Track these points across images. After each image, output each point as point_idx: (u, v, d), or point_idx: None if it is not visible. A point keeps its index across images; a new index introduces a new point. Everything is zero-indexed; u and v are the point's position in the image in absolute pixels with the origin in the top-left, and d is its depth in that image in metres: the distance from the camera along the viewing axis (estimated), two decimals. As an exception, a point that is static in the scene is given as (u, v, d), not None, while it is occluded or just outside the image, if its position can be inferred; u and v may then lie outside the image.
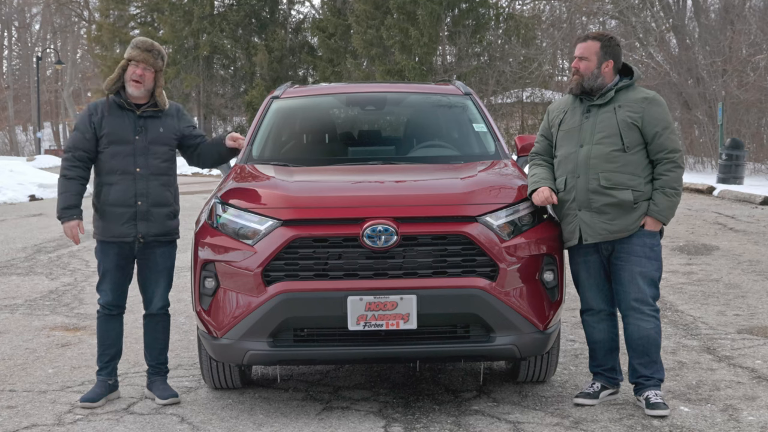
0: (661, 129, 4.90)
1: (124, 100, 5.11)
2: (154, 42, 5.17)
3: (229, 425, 4.78)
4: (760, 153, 25.56)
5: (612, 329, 5.09)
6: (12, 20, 66.76)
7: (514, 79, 32.77)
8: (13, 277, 9.72)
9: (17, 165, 25.10)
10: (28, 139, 64.59)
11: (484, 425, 4.70)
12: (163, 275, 5.21)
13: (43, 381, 5.66)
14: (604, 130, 4.93)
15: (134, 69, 5.06)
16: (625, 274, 4.91)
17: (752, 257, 10.25)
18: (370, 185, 5.28)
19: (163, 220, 5.13)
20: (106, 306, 5.20)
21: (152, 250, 5.15)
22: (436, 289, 4.60)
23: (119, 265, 5.14)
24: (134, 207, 5.06)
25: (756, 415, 4.83)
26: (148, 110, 5.12)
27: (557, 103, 5.30)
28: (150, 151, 5.08)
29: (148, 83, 5.11)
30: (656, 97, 5.02)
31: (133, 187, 5.06)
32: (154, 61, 5.09)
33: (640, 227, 4.90)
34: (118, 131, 5.08)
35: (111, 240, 5.10)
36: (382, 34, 32.93)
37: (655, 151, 4.91)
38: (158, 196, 5.11)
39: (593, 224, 4.91)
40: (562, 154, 5.07)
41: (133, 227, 5.07)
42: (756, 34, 25.44)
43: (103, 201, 5.11)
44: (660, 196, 4.88)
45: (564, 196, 5.01)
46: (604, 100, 4.98)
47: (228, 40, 42.36)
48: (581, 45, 5.05)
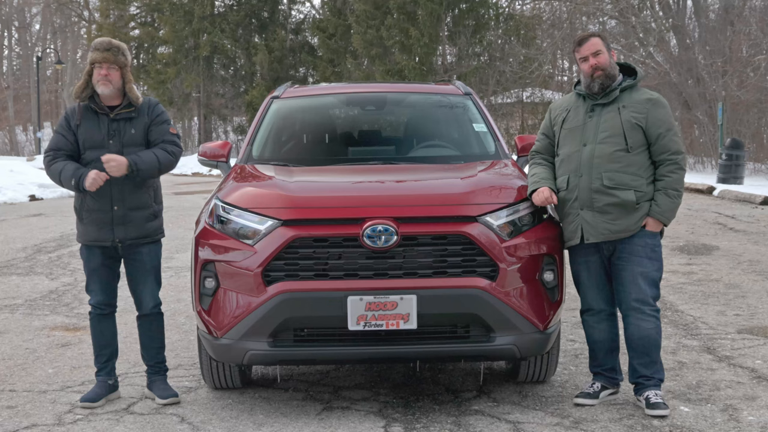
0: (664, 131, 4.91)
1: (96, 105, 5.09)
2: (112, 40, 5.13)
3: (229, 425, 4.78)
4: (760, 153, 25.56)
5: (612, 329, 5.10)
6: (12, 20, 66.74)
7: (514, 79, 32.78)
8: (13, 277, 9.71)
9: (17, 165, 25.09)
10: (28, 139, 64.52)
11: (484, 425, 4.70)
12: (151, 274, 5.20)
13: (43, 381, 5.66)
14: (608, 130, 4.93)
15: (98, 71, 5.04)
16: (626, 274, 4.92)
17: (752, 257, 10.25)
18: (370, 185, 5.28)
19: (141, 223, 5.11)
20: (97, 306, 5.21)
21: (137, 249, 5.15)
22: (436, 289, 4.60)
23: (104, 264, 5.15)
24: (111, 212, 5.04)
25: (756, 415, 4.83)
26: (121, 113, 5.09)
27: (560, 102, 5.29)
28: (124, 154, 5.02)
29: (116, 81, 5.07)
30: (660, 99, 5.03)
31: (109, 192, 5.03)
32: (115, 59, 5.06)
33: (641, 227, 4.90)
34: (93, 137, 5.07)
35: (91, 244, 5.12)
36: (382, 34, 32.91)
37: (658, 153, 4.91)
38: (135, 200, 5.08)
39: (595, 224, 4.91)
40: (564, 153, 5.06)
41: (110, 232, 5.06)
42: (756, 35, 25.43)
43: (80, 206, 5.13)
44: (662, 197, 4.88)
45: (566, 195, 5.00)
46: (608, 99, 4.98)
47: (228, 40, 42.30)
48: (588, 43, 5.02)
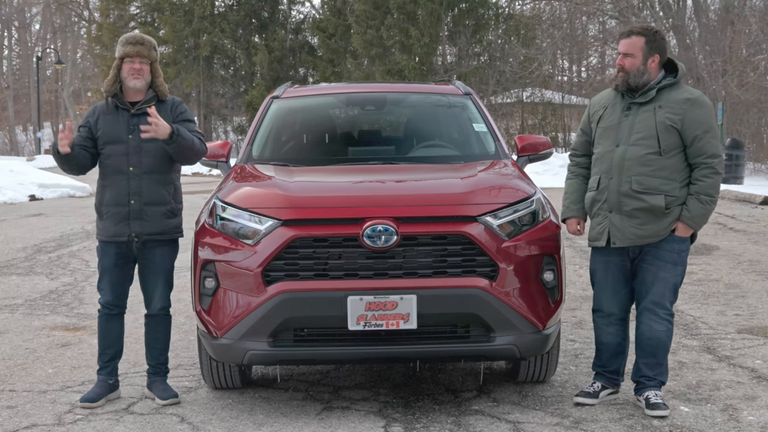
0: (701, 132, 4.74)
1: (119, 100, 5.10)
2: (143, 35, 5.16)
3: (229, 425, 4.78)
4: (760, 153, 25.58)
5: (620, 333, 5.01)
6: (12, 20, 66.74)
7: (514, 79, 32.80)
8: (13, 277, 9.71)
9: (17, 165, 25.07)
10: (28, 139, 64.51)
11: (484, 425, 4.70)
12: (162, 277, 5.20)
13: (43, 381, 5.66)
14: (642, 131, 4.79)
15: (131, 65, 5.05)
16: (649, 276, 4.83)
17: (752, 257, 10.25)
18: (370, 185, 5.28)
19: (159, 219, 5.10)
20: (105, 305, 5.21)
21: (151, 250, 5.15)
22: (436, 289, 4.60)
23: (117, 264, 5.15)
24: (127, 206, 5.05)
25: (756, 415, 4.83)
26: (143, 108, 5.09)
27: (599, 97, 5.14)
28: (143, 149, 5.05)
29: (147, 76, 5.09)
30: (700, 98, 4.85)
31: (127, 187, 5.05)
32: (148, 53, 5.08)
33: (671, 232, 4.78)
34: (112, 131, 5.08)
35: (108, 240, 5.12)
36: (382, 34, 32.94)
37: (694, 155, 4.75)
38: (153, 195, 5.08)
39: (623, 228, 4.81)
40: (599, 152, 4.95)
41: (126, 226, 5.06)
42: (756, 34, 25.44)
43: (100, 201, 5.15)
44: (694, 202, 4.74)
45: (596, 196, 4.92)
46: (645, 98, 4.82)
47: (228, 40, 42.33)
48: (625, 41, 4.86)
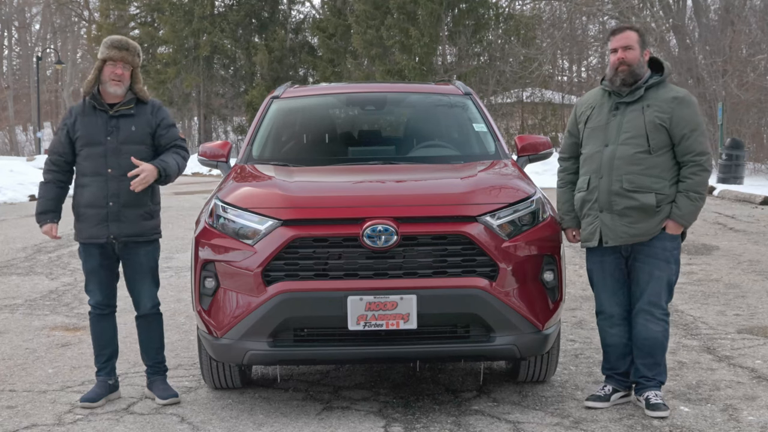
0: (689, 131, 4.78)
1: (97, 101, 5.08)
2: (128, 39, 5.13)
3: (229, 425, 4.78)
4: (760, 153, 25.58)
5: (624, 334, 5.01)
6: (12, 20, 66.74)
7: (514, 79, 32.82)
8: (13, 277, 9.72)
9: (17, 165, 25.12)
10: (28, 139, 64.51)
11: (484, 425, 4.70)
12: (148, 275, 5.18)
13: (43, 381, 5.66)
14: (631, 130, 4.81)
15: (112, 69, 5.02)
16: (643, 275, 4.85)
17: (752, 257, 10.26)
18: (370, 185, 5.28)
19: (136, 221, 5.07)
20: (96, 306, 5.20)
21: (134, 250, 5.12)
22: (436, 289, 4.60)
23: (103, 264, 5.13)
24: (105, 208, 5.02)
25: (756, 415, 4.83)
26: (121, 109, 5.07)
27: (585, 98, 5.15)
28: (122, 151, 5.01)
29: (127, 81, 5.07)
30: (687, 97, 4.88)
31: (105, 188, 5.02)
32: (132, 59, 5.06)
33: (661, 230, 4.82)
34: (90, 133, 5.05)
35: (87, 241, 5.11)
36: (382, 34, 32.95)
37: (682, 153, 4.80)
38: (131, 197, 5.02)
39: (614, 227, 4.83)
40: (587, 153, 4.97)
41: (104, 228, 5.03)
42: (756, 34, 25.45)
43: (77, 203, 5.12)
44: (683, 199, 4.78)
45: (586, 196, 4.94)
46: (633, 97, 4.85)
47: (228, 40, 42.34)
48: (621, 36, 4.89)
